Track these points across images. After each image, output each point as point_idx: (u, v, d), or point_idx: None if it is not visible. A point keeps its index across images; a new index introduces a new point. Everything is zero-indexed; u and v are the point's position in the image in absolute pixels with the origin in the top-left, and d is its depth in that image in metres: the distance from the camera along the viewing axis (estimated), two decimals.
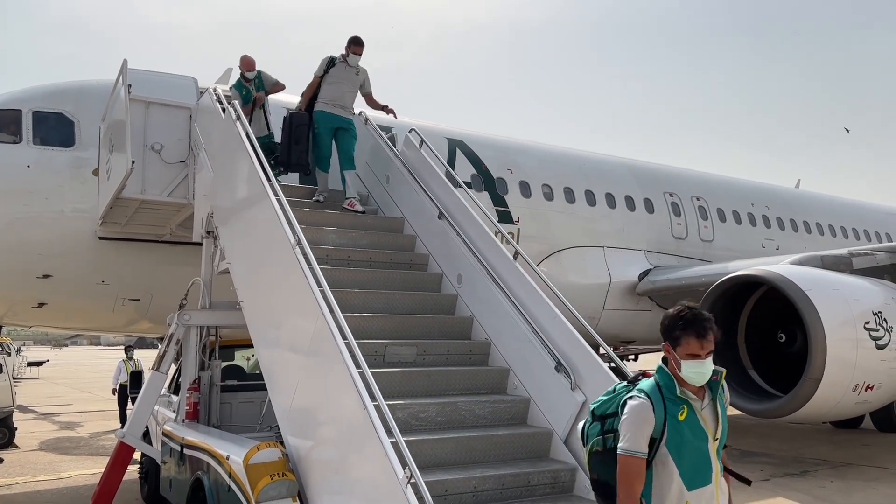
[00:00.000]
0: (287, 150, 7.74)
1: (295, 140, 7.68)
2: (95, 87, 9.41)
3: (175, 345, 7.00)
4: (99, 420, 17.22)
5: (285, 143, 7.84)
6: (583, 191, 12.76)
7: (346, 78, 7.95)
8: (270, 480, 4.25)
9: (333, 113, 7.87)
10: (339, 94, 7.90)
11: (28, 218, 8.65)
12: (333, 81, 7.89)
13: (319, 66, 7.98)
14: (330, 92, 7.89)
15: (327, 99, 7.88)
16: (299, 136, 7.73)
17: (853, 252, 10.68)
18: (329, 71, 7.90)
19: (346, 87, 7.97)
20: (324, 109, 7.85)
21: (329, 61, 7.92)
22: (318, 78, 7.94)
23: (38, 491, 9.17)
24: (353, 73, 7.98)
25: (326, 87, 7.90)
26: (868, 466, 10.05)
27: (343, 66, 7.93)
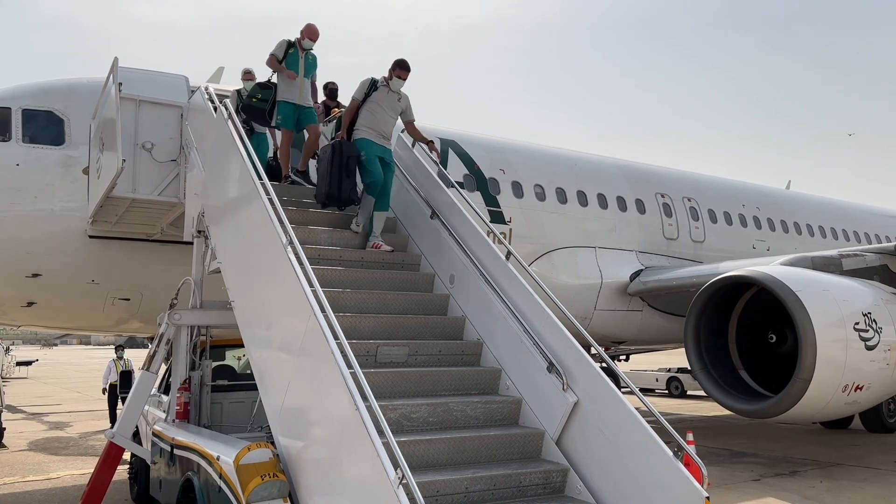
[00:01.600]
0: (337, 184, 6.86)
1: (346, 173, 6.85)
2: (85, 84, 9.35)
3: (165, 344, 6.96)
4: (88, 420, 17.13)
5: (334, 175, 6.88)
6: (575, 191, 12.79)
7: (388, 104, 7.24)
8: (261, 481, 4.23)
9: (378, 143, 7.13)
10: (381, 122, 7.18)
11: (17, 217, 8.60)
12: (375, 108, 7.16)
13: (359, 88, 7.24)
14: (371, 119, 7.16)
15: (369, 126, 7.15)
16: (350, 168, 6.90)
17: (843, 253, 10.74)
18: (370, 95, 7.16)
19: (388, 113, 7.26)
20: (367, 137, 7.10)
21: (370, 84, 7.19)
22: (358, 102, 7.20)
23: (27, 491, 9.10)
24: (395, 98, 7.26)
25: (367, 113, 7.16)
26: (857, 467, 10.11)
27: (385, 90, 7.18)
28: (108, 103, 7.60)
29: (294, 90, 7.96)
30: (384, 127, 7.20)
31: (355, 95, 7.23)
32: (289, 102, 7.92)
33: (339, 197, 6.87)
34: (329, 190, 6.85)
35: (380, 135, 7.13)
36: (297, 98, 7.97)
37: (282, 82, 7.98)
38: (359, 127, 7.14)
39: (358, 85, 7.30)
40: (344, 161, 6.86)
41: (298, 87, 7.97)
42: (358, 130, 7.13)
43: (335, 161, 6.85)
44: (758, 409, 9.29)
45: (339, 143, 7.00)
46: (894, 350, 9.16)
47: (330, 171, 6.85)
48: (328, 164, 6.88)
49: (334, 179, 6.84)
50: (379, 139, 7.12)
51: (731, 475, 9.36)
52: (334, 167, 6.85)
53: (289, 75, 7.93)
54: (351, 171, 6.87)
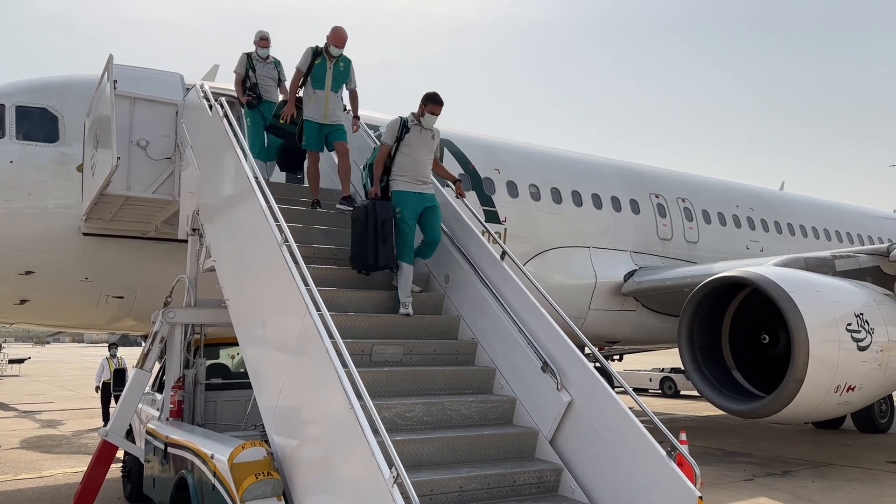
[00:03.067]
0: (373, 252, 6.05)
1: (382, 238, 6.06)
2: (80, 82, 9.33)
3: (159, 343, 6.95)
4: (81, 418, 17.07)
5: (369, 241, 6.08)
6: (569, 191, 12.81)
7: (423, 144, 6.51)
8: (255, 479, 4.23)
9: (417, 192, 6.39)
10: (417, 166, 6.43)
11: (10, 213, 8.57)
12: (409, 151, 6.40)
13: (388, 131, 6.48)
14: (408, 164, 6.39)
15: (406, 173, 6.37)
16: (386, 233, 6.09)
17: (836, 254, 10.80)
18: (403, 137, 6.41)
19: (424, 155, 6.52)
20: (405, 189, 6.34)
21: (402, 125, 6.43)
22: (389, 148, 6.43)
23: (20, 490, 9.07)
24: (429, 136, 6.54)
25: (402, 158, 6.38)
26: (849, 466, 10.16)
27: (418, 129, 6.45)
28: (103, 100, 7.58)
29: (318, 107, 7.30)
30: (422, 170, 6.45)
31: (385, 140, 6.47)
32: (314, 122, 7.32)
33: (376, 265, 6.10)
34: (365, 259, 6.08)
35: (418, 181, 6.39)
36: (321, 117, 7.31)
37: (306, 98, 7.39)
38: (394, 176, 6.39)
39: (386, 128, 6.55)
40: (379, 225, 6.08)
41: (324, 104, 7.30)
42: (394, 180, 6.39)
43: (369, 225, 6.07)
44: (750, 410, 9.33)
45: (373, 204, 6.19)
46: (886, 351, 9.21)
47: (364, 237, 6.07)
48: (362, 229, 6.09)
49: (369, 246, 6.06)
50: (417, 186, 6.38)
51: (723, 475, 9.40)
52: (369, 232, 6.07)
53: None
54: (387, 235, 6.08)
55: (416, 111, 6.52)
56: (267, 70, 8.36)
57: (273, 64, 8.44)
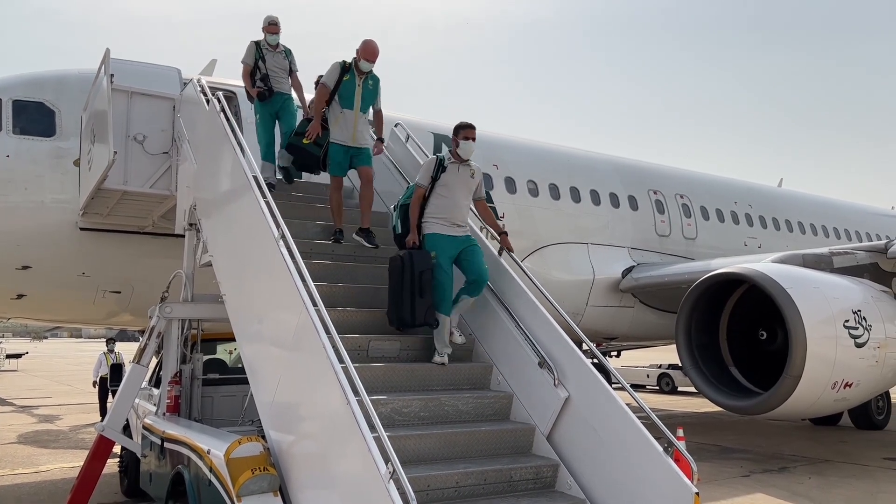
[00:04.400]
0: (409, 307, 5.55)
1: (419, 291, 5.56)
2: (77, 76, 9.29)
3: (156, 338, 6.93)
4: (78, 413, 17.07)
5: (405, 295, 5.58)
6: (568, 187, 12.79)
7: (462, 184, 5.91)
8: (251, 475, 4.22)
9: (453, 235, 5.82)
10: (455, 209, 5.85)
11: (7, 208, 8.54)
12: (445, 192, 5.82)
13: (423, 172, 5.93)
14: (444, 206, 5.81)
15: (441, 216, 5.81)
16: (424, 285, 5.59)
17: (834, 251, 10.79)
18: (439, 177, 5.85)
19: (462, 197, 5.92)
20: (441, 232, 5.78)
21: (438, 164, 5.87)
22: (425, 189, 5.85)
23: (17, 484, 9.07)
24: (467, 175, 5.93)
25: (438, 199, 5.82)
26: (846, 463, 10.17)
27: (456, 168, 5.88)
28: (100, 95, 7.55)
29: (346, 128, 6.71)
30: (459, 213, 5.88)
31: (420, 181, 5.88)
32: (340, 144, 6.74)
33: (413, 321, 5.58)
34: (401, 314, 5.58)
35: (453, 224, 5.83)
36: (349, 139, 6.72)
37: (332, 118, 6.78)
38: (427, 218, 5.84)
39: (422, 167, 6.02)
40: (416, 277, 5.56)
41: (352, 125, 6.70)
42: (426, 222, 5.83)
43: (405, 277, 5.57)
44: (748, 406, 9.34)
45: (410, 255, 5.65)
46: (883, 347, 9.22)
47: (401, 291, 5.57)
48: (398, 282, 5.60)
49: (406, 301, 5.55)
50: (452, 229, 5.82)
51: (720, 471, 9.41)
52: (405, 285, 5.56)
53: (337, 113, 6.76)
54: (425, 288, 5.57)
55: (453, 145, 5.99)
56: (277, 60, 7.83)
57: (284, 53, 7.92)
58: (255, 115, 7.77)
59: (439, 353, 5.60)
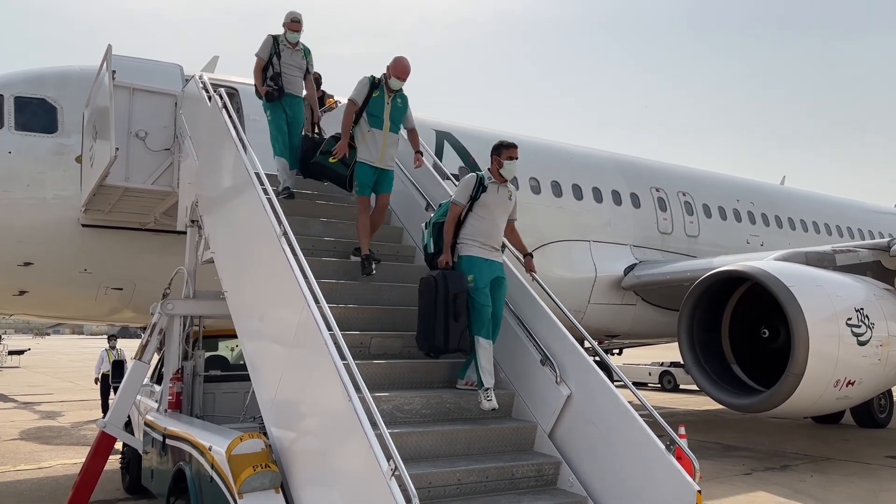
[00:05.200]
0: (443, 332, 5.20)
1: (454, 315, 5.20)
2: (79, 72, 9.28)
3: (158, 334, 6.93)
4: (80, 410, 17.10)
5: (439, 320, 5.23)
6: (570, 185, 12.78)
7: (500, 205, 5.62)
8: (253, 471, 4.22)
9: (490, 259, 5.53)
10: (493, 231, 5.58)
11: (9, 204, 8.54)
12: (484, 213, 5.53)
13: (462, 189, 5.59)
14: (482, 228, 5.51)
15: (479, 238, 5.51)
16: (459, 309, 5.23)
17: (837, 249, 10.77)
18: (479, 197, 5.54)
19: (500, 219, 5.64)
20: (479, 255, 5.48)
21: (478, 183, 5.54)
22: (462, 208, 5.54)
23: (19, 480, 9.08)
24: (506, 196, 5.67)
25: (476, 221, 5.51)
26: (848, 461, 10.16)
27: (496, 188, 5.58)
28: (102, 91, 7.54)
29: (374, 148, 6.40)
30: (496, 236, 5.62)
31: (458, 199, 5.57)
32: (367, 164, 6.43)
33: (447, 347, 5.24)
34: (433, 340, 5.25)
35: (490, 247, 5.55)
36: (376, 159, 6.42)
37: (359, 136, 6.48)
38: (464, 240, 5.52)
39: (459, 186, 5.69)
40: (451, 299, 5.21)
41: (380, 145, 6.41)
42: (463, 244, 5.52)
43: (439, 300, 5.21)
44: (750, 404, 9.33)
45: (443, 276, 5.30)
46: (886, 346, 9.20)
47: (433, 314, 5.22)
48: (429, 305, 5.24)
49: (439, 325, 5.19)
50: (490, 253, 5.53)
51: (722, 469, 9.40)
52: (438, 308, 5.20)
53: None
54: (459, 311, 5.22)
55: (492, 165, 5.66)
56: (294, 58, 7.41)
57: (302, 52, 7.49)
58: (266, 113, 7.40)
59: (486, 395, 5.17)
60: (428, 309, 5.27)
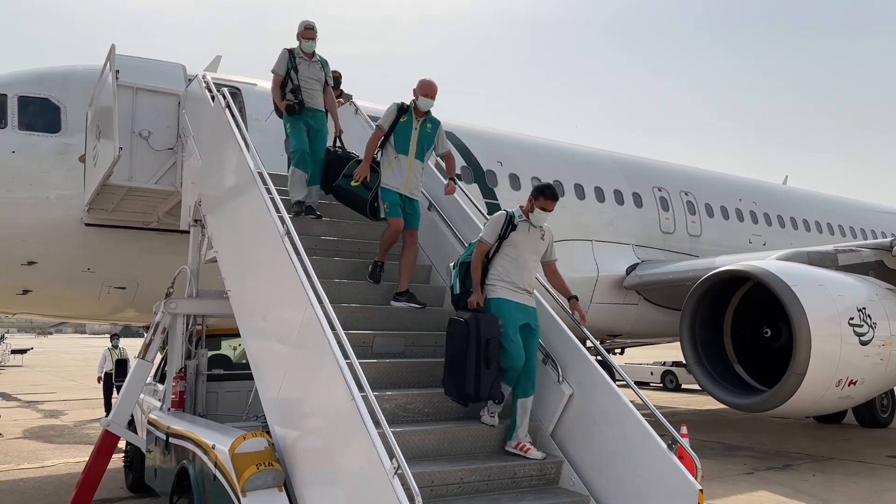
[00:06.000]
0: (475, 378, 4.87)
1: (486, 362, 4.89)
2: (82, 72, 9.31)
3: (161, 333, 6.95)
4: (83, 408, 17.13)
5: (469, 366, 4.89)
6: (572, 184, 12.79)
7: (532, 246, 5.37)
8: (256, 470, 4.23)
9: (521, 303, 5.22)
10: (524, 272, 5.26)
11: (12, 204, 8.57)
12: (514, 253, 5.27)
13: (490, 227, 5.35)
14: (511, 269, 5.23)
15: (509, 279, 5.22)
16: (491, 355, 4.92)
17: (839, 248, 10.77)
18: (507, 235, 5.29)
19: (531, 260, 5.37)
20: (508, 297, 5.18)
21: (507, 221, 5.31)
22: (490, 247, 5.28)
23: (22, 479, 9.11)
24: (538, 236, 5.41)
25: (505, 261, 5.25)
26: (850, 461, 10.16)
27: (526, 227, 5.34)
28: (105, 91, 7.56)
29: (398, 175, 6.18)
30: (527, 277, 5.31)
31: (486, 238, 5.32)
32: (393, 190, 6.20)
33: (478, 395, 4.94)
34: (463, 388, 4.90)
35: (521, 289, 5.25)
36: (401, 186, 6.18)
37: (385, 162, 6.28)
38: (493, 281, 5.25)
39: (488, 224, 5.47)
40: (483, 345, 4.90)
41: (406, 172, 6.18)
42: (491, 286, 5.25)
43: (470, 345, 4.88)
44: (752, 403, 9.33)
45: (475, 319, 4.97)
46: (888, 345, 9.19)
47: (464, 361, 4.88)
48: (460, 350, 4.91)
49: (470, 372, 4.86)
50: (520, 295, 5.24)
51: (724, 468, 9.41)
52: (469, 354, 4.87)
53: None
54: (492, 357, 4.92)
55: (524, 206, 5.41)
56: (312, 70, 7.13)
57: (319, 63, 7.22)
58: (286, 127, 7.09)
59: (490, 413, 5.06)
60: (457, 354, 4.93)
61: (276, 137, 8.38)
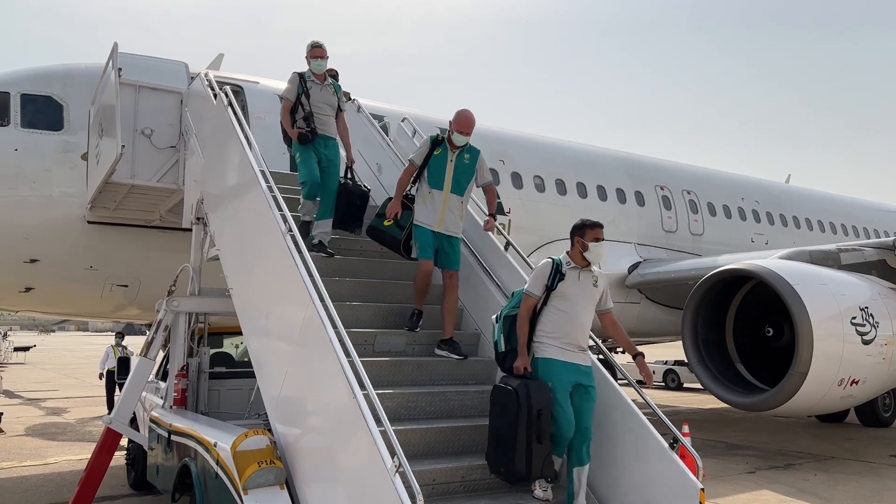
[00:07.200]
0: (526, 454, 4.38)
1: (537, 436, 4.41)
2: (85, 70, 9.32)
3: (163, 331, 6.96)
4: (85, 406, 17.16)
5: (520, 442, 4.39)
6: (574, 183, 12.79)
7: (584, 295, 4.84)
8: (258, 468, 4.23)
9: (572, 361, 4.71)
10: (576, 328, 4.77)
11: (15, 202, 8.58)
12: (566, 306, 4.76)
13: (535, 277, 4.85)
14: (561, 324, 4.74)
15: (559, 336, 4.73)
16: (543, 428, 4.46)
17: (841, 247, 10.76)
18: (556, 286, 4.77)
19: (585, 313, 4.84)
20: (558, 357, 4.69)
21: (553, 270, 4.78)
22: (537, 301, 4.80)
23: (24, 476, 9.12)
24: (590, 282, 4.88)
25: (554, 314, 4.76)
26: (852, 460, 10.14)
27: (576, 274, 4.81)
28: (108, 89, 7.57)
29: (433, 211, 5.78)
30: (580, 333, 4.78)
31: (531, 290, 4.80)
32: (427, 227, 5.81)
33: (529, 474, 4.44)
34: (512, 466, 4.41)
35: (573, 346, 4.74)
36: (435, 223, 5.77)
37: (419, 198, 5.91)
38: (541, 338, 4.75)
39: (534, 275, 4.90)
40: (534, 417, 4.40)
41: (440, 208, 5.77)
42: (539, 343, 4.75)
43: (521, 418, 4.38)
44: (754, 402, 9.32)
45: (526, 388, 4.46)
46: (891, 344, 9.19)
47: (514, 435, 4.39)
48: (511, 424, 4.41)
49: (520, 448, 4.36)
50: (572, 353, 4.71)
51: (726, 467, 9.40)
52: (520, 428, 4.37)
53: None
54: (544, 431, 4.43)
55: (577, 246, 4.90)
56: (324, 95, 6.67)
57: (332, 88, 6.78)
58: (296, 156, 6.59)
59: (542, 488, 4.54)
60: (506, 428, 4.42)
61: (278, 135, 8.37)
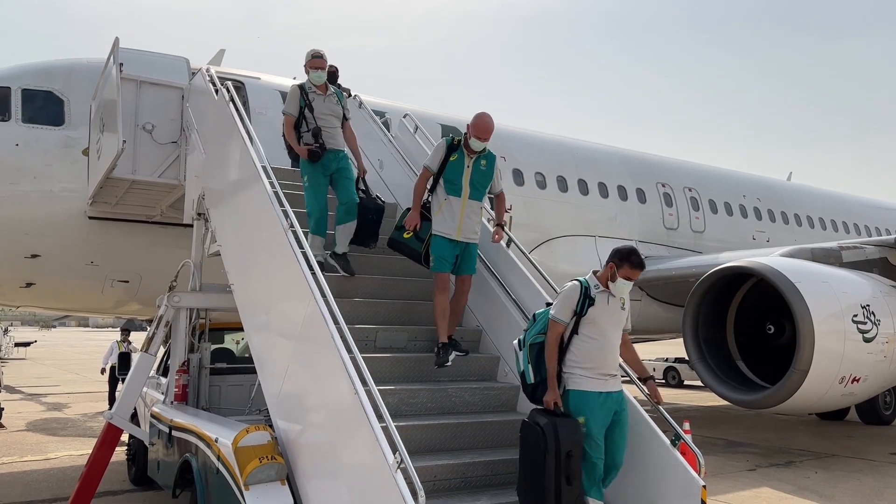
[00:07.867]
0: (555, 496, 4.15)
1: (567, 477, 4.18)
2: (86, 65, 9.31)
3: (164, 327, 6.96)
4: (86, 401, 17.17)
5: (548, 481, 4.16)
6: (575, 180, 12.78)
7: (614, 319, 4.60)
8: (259, 463, 4.24)
9: (605, 391, 4.48)
10: (606, 354, 4.53)
11: (16, 197, 8.58)
12: (596, 333, 4.51)
13: (562, 303, 4.57)
14: (592, 352, 4.49)
15: (589, 364, 4.48)
16: (574, 469, 4.21)
17: (843, 245, 10.74)
18: (586, 312, 4.51)
19: (614, 338, 4.60)
20: (591, 388, 4.44)
21: (582, 294, 4.53)
22: (564, 328, 4.53)
23: (25, 471, 9.13)
24: (618, 307, 4.63)
25: (584, 342, 4.50)
26: (852, 458, 10.14)
27: (605, 298, 4.56)
28: (109, 84, 7.56)
29: (451, 218, 5.55)
30: (611, 360, 4.54)
31: (559, 317, 4.52)
32: (444, 237, 5.58)
33: None
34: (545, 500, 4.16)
35: (604, 374, 4.49)
36: (454, 231, 5.54)
37: (435, 205, 5.67)
38: (571, 368, 4.49)
39: (559, 299, 4.63)
40: (562, 457, 4.15)
41: (458, 215, 5.55)
42: (570, 374, 4.49)
43: (549, 457, 4.14)
44: (755, 400, 9.31)
45: (554, 427, 4.20)
46: (892, 342, 9.17)
47: (542, 476, 4.17)
48: (539, 465, 4.18)
49: (549, 489, 4.14)
50: (604, 383, 4.47)
51: (727, 465, 9.40)
52: (548, 468, 4.14)
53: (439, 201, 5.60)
54: (574, 472, 4.20)
55: (597, 269, 4.71)
56: (328, 105, 6.29)
57: (336, 96, 6.39)
58: (304, 178, 6.22)
59: None
60: (536, 468, 4.22)
61: (279, 131, 8.36)
